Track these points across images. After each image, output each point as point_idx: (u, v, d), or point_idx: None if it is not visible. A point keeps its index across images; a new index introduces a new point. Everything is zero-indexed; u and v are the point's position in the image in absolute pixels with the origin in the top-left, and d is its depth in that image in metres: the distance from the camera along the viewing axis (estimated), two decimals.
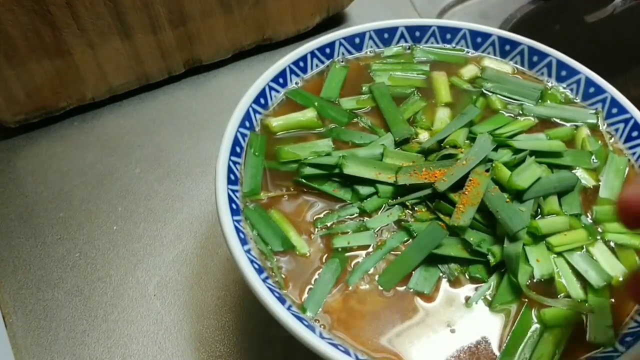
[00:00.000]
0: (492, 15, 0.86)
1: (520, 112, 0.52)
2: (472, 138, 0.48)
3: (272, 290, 0.37)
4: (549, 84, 0.55)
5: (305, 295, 0.39)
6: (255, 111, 0.49)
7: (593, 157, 0.48)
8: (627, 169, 0.48)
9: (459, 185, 0.43)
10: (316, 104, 0.51)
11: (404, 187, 0.44)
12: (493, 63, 0.56)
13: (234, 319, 0.50)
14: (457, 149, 0.46)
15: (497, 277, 0.40)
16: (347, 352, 0.35)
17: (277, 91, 0.51)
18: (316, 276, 0.40)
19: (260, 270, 0.38)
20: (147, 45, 0.65)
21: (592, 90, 0.53)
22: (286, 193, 0.45)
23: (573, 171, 0.47)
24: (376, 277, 0.40)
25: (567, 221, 0.43)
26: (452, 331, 0.38)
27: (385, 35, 0.56)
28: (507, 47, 0.56)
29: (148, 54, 0.66)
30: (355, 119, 0.51)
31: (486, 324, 0.39)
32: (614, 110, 0.51)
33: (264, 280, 0.37)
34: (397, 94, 0.53)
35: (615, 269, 0.41)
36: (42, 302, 0.51)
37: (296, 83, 0.53)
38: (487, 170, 0.44)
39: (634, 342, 0.37)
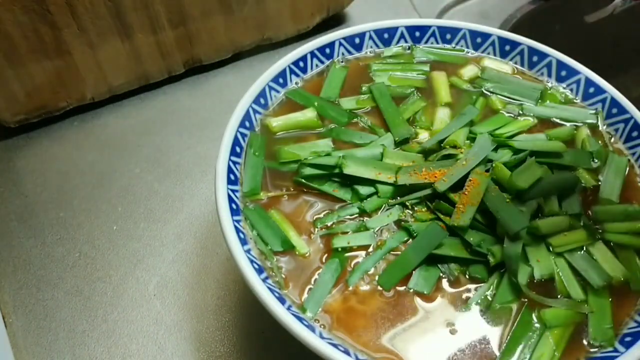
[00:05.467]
0: (492, 15, 0.86)
1: (520, 112, 0.52)
2: (472, 138, 0.48)
3: (272, 290, 0.37)
4: (549, 84, 0.55)
5: (305, 295, 0.39)
6: (255, 111, 0.49)
7: (593, 157, 0.48)
8: (627, 169, 0.48)
9: (459, 185, 0.43)
10: (316, 104, 0.51)
11: (404, 187, 0.44)
12: (493, 63, 0.56)
13: (234, 319, 0.50)
14: (457, 149, 0.46)
15: (497, 277, 0.40)
16: (347, 352, 0.35)
17: (277, 91, 0.51)
18: (316, 276, 0.40)
19: (260, 270, 0.38)
20: (147, 45, 0.65)
21: (592, 90, 0.53)
22: (286, 193, 0.45)
23: (573, 171, 0.47)
24: (376, 277, 0.40)
25: (567, 221, 0.43)
26: (452, 331, 0.38)
27: (385, 35, 0.56)
28: (507, 47, 0.56)
29: (148, 54, 0.66)
30: (355, 119, 0.51)
31: (486, 324, 0.39)
32: (614, 110, 0.51)
33: (264, 280, 0.37)
34: (397, 94, 0.53)
35: (615, 269, 0.41)
36: (42, 302, 0.51)
37: (296, 83, 0.53)
38: (487, 170, 0.44)
39: (634, 342, 0.37)
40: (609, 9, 0.88)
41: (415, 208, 0.44)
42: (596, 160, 0.48)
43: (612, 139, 0.51)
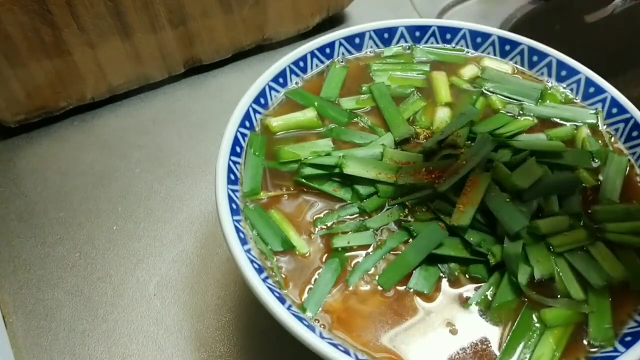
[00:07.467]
0: (492, 15, 0.86)
1: (520, 112, 0.52)
2: (472, 138, 0.48)
3: (272, 290, 0.37)
4: (549, 84, 0.55)
5: (305, 295, 0.39)
6: (255, 111, 0.49)
7: (593, 157, 0.48)
8: (627, 169, 0.48)
9: (459, 185, 0.43)
10: (316, 103, 0.51)
11: (404, 187, 0.44)
12: (493, 63, 0.56)
13: (234, 319, 0.50)
14: (457, 149, 0.46)
15: (497, 277, 0.40)
16: (347, 352, 0.35)
17: (277, 91, 0.51)
18: (316, 276, 0.40)
19: (260, 270, 0.38)
20: (147, 45, 0.65)
21: (592, 90, 0.53)
22: (286, 193, 0.45)
23: (573, 171, 0.47)
24: (376, 277, 0.40)
25: (567, 221, 0.43)
26: (452, 331, 0.38)
27: (385, 35, 0.56)
28: (507, 47, 0.56)
29: (148, 54, 0.66)
30: (355, 119, 0.51)
31: (486, 324, 0.39)
32: (614, 110, 0.51)
33: (264, 280, 0.37)
34: (397, 94, 0.53)
35: (615, 269, 0.41)
36: (42, 302, 0.51)
37: (296, 83, 0.53)
38: (487, 170, 0.44)
39: (634, 342, 0.37)
40: (609, 9, 0.88)
41: (416, 208, 0.44)
42: (596, 160, 0.48)
43: (612, 139, 0.51)
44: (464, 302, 0.40)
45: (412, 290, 0.40)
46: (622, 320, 0.39)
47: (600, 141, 0.50)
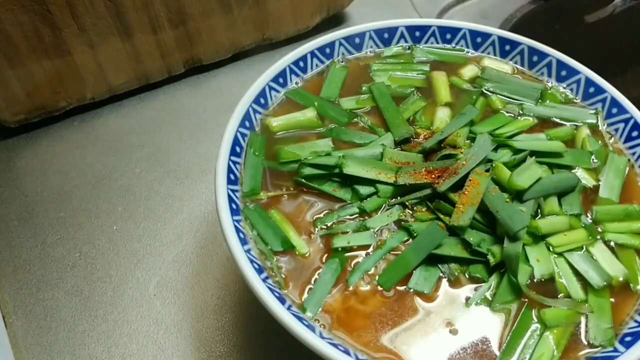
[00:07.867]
0: (492, 15, 0.86)
1: (520, 112, 0.52)
2: (472, 138, 0.48)
3: (272, 290, 0.37)
4: (549, 84, 0.55)
5: (305, 295, 0.39)
6: (255, 111, 0.49)
7: (593, 157, 0.48)
8: (627, 169, 0.48)
9: (459, 185, 0.43)
10: (316, 103, 0.51)
11: (404, 187, 0.44)
12: (493, 63, 0.56)
13: (234, 319, 0.50)
14: (457, 149, 0.46)
15: (497, 277, 0.40)
16: (347, 352, 0.35)
17: (277, 91, 0.51)
18: (316, 276, 0.40)
19: (260, 270, 0.38)
20: (147, 45, 0.65)
21: (592, 90, 0.53)
22: (286, 193, 0.45)
23: (573, 171, 0.47)
24: (376, 277, 0.40)
25: (567, 221, 0.43)
26: (452, 331, 0.38)
27: (385, 35, 0.56)
28: (507, 47, 0.56)
29: (148, 54, 0.66)
30: (355, 119, 0.51)
31: (486, 324, 0.39)
32: (614, 110, 0.51)
33: (264, 280, 0.37)
34: (397, 94, 0.53)
35: (615, 269, 0.41)
36: (42, 302, 0.51)
37: (296, 83, 0.53)
38: (487, 170, 0.44)
39: (634, 342, 0.37)
40: (609, 9, 0.88)
41: (415, 208, 0.44)
42: (596, 160, 0.48)
43: (612, 139, 0.51)
44: (464, 302, 0.39)
45: (412, 290, 0.40)
46: (622, 320, 0.39)
47: (600, 141, 0.50)
